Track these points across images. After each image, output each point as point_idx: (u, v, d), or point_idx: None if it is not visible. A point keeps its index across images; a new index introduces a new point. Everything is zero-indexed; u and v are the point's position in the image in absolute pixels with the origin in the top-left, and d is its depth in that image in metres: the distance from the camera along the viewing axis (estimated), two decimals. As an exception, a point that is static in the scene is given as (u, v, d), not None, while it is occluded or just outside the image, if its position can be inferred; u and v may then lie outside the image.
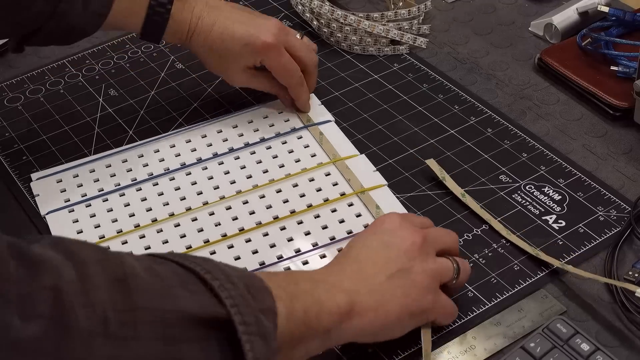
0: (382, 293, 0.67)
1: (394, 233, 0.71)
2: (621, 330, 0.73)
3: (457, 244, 0.75)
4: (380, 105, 0.98)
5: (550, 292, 0.76)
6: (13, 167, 0.92)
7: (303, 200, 0.85)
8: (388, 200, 0.85)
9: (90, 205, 0.86)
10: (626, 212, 0.83)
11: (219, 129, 0.94)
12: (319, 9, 1.04)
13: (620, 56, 0.96)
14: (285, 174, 0.88)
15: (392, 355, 0.72)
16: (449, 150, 0.91)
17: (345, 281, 0.67)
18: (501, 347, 0.72)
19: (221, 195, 0.86)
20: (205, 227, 0.83)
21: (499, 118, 0.95)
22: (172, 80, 1.02)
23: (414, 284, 0.68)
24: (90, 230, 0.83)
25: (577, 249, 0.80)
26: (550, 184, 0.87)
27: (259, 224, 0.83)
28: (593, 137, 0.92)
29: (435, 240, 0.72)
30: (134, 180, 0.89)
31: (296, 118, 0.95)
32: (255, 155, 0.91)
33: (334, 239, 0.82)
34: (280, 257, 0.80)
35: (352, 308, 0.65)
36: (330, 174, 0.88)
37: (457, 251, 0.75)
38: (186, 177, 0.89)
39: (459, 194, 0.84)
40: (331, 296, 0.65)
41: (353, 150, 0.91)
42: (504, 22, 1.09)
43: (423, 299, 0.69)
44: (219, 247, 0.81)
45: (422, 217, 0.77)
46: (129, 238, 0.82)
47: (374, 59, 1.04)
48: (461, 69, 1.02)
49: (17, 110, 0.99)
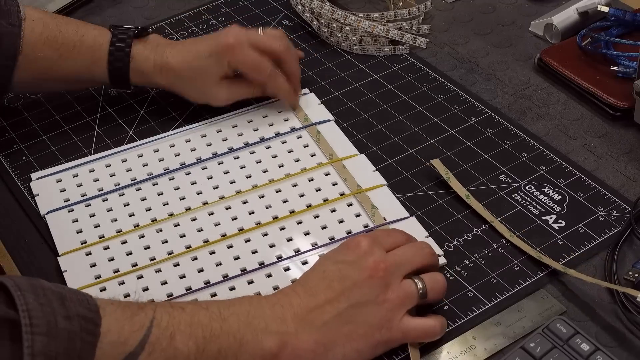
0: (325, 333, 0.66)
1: (356, 263, 0.68)
2: (621, 330, 0.73)
3: (434, 257, 0.72)
4: (380, 105, 0.97)
5: (550, 292, 0.76)
6: (13, 167, 0.92)
7: (302, 200, 0.85)
8: (387, 200, 0.85)
9: (90, 205, 0.86)
10: (626, 212, 0.83)
11: (219, 128, 0.94)
12: (319, 9, 1.04)
13: (620, 56, 0.96)
14: (285, 173, 0.88)
15: (392, 356, 0.72)
16: (449, 150, 0.91)
17: (287, 318, 0.66)
18: (501, 347, 0.72)
19: (221, 195, 0.86)
20: (205, 227, 0.83)
21: (499, 118, 0.95)
22: (172, 80, 1.02)
23: (365, 322, 0.67)
24: (90, 230, 0.83)
25: (577, 249, 0.80)
26: (550, 184, 0.87)
27: (259, 223, 0.83)
28: (593, 137, 0.92)
29: (403, 264, 0.69)
30: (134, 180, 0.89)
31: (295, 118, 0.95)
32: (255, 155, 0.91)
33: (333, 239, 0.81)
34: (279, 257, 0.80)
35: (281, 351, 0.64)
36: (329, 174, 0.88)
37: (435, 264, 0.73)
38: (186, 176, 0.89)
39: (463, 195, 0.84)
40: (258, 338, 0.64)
41: (353, 150, 0.91)
42: (504, 22, 1.09)
43: (375, 334, 0.67)
44: (219, 247, 0.81)
45: (396, 235, 0.74)
46: (129, 238, 0.82)
47: (374, 59, 1.04)
48: (461, 69, 1.02)
49: (17, 110, 0.99)
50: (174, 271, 0.79)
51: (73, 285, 0.78)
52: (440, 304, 0.76)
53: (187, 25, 1.11)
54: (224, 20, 1.11)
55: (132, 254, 0.81)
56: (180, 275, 0.79)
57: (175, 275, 0.79)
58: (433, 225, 0.83)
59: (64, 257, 0.81)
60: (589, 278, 0.75)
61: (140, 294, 0.77)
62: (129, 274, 0.79)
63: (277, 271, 0.79)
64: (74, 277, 0.79)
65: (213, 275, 0.78)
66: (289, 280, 0.78)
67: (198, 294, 0.77)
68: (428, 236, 0.81)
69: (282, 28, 1.09)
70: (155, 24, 1.11)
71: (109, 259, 0.80)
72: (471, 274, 0.78)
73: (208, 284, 0.78)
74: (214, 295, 0.77)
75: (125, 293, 0.77)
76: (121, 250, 0.81)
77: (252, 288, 0.77)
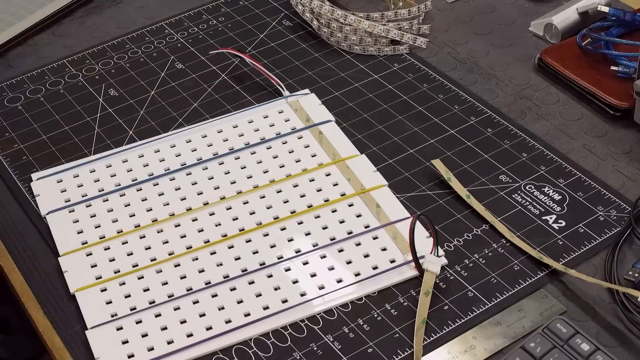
0: None
1: None
2: (621, 330, 0.73)
3: None
4: (380, 105, 0.98)
5: (550, 292, 0.77)
6: (13, 167, 0.92)
7: (303, 201, 0.85)
8: (388, 200, 0.85)
9: (91, 205, 0.86)
10: (626, 212, 0.83)
11: (220, 129, 0.94)
12: (319, 9, 1.04)
13: (620, 56, 0.96)
14: (286, 174, 0.88)
15: (392, 355, 0.72)
16: (449, 150, 0.91)
17: None
18: (501, 347, 0.72)
19: (222, 195, 0.86)
20: (206, 227, 0.83)
21: (499, 118, 0.95)
22: (172, 80, 1.02)
23: None
24: (91, 231, 0.83)
25: (577, 249, 0.80)
26: (550, 184, 0.87)
27: (260, 224, 0.83)
28: (593, 137, 0.93)
29: None
30: (135, 180, 0.89)
31: (296, 118, 0.95)
32: (256, 156, 0.91)
33: (334, 239, 0.82)
34: (280, 257, 0.80)
35: None
36: (330, 174, 0.88)
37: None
38: (186, 177, 0.89)
39: (463, 195, 0.84)
40: None
41: (353, 150, 0.91)
42: (504, 22, 1.10)
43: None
44: (219, 248, 0.81)
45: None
46: (130, 238, 0.82)
47: (374, 59, 1.04)
48: (461, 69, 1.02)
49: (17, 110, 0.99)
50: (175, 272, 0.79)
51: (74, 286, 0.78)
52: (441, 303, 0.76)
53: (187, 25, 1.11)
54: (224, 20, 1.11)
55: (133, 255, 0.81)
56: (181, 276, 0.79)
57: (176, 275, 0.79)
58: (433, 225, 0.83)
59: (64, 257, 0.81)
60: (589, 278, 0.75)
61: (141, 294, 0.77)
62: (129, 274, 0.79)
63: (278, 271, 0.79)
64: (74, 278, 0.79)
65: (214, 276, 0.78)
66: (290, 280, 0.78)
67: (199, 294, 0.77)
68: (429, 237, 0.81)
69: (282, 28, 1.09)
70: (155, 24, 1.11)
71: (109, 259, 0.81)
72: (471, 274, 0.78)
73: (209, 285, 0.78)
74: (215, 295, 0.77)
75: (126, 294, 0.77)
76: (122, 251, 0.81)
77: (253, 288, 0.77)
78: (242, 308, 0.76)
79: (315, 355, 0.73)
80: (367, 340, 0.73)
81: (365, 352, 0.72)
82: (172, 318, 0.75)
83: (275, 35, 1.08)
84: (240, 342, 0.74)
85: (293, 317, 0.75)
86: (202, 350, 0.73)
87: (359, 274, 0.78)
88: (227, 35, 1.08)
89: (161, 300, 0.77)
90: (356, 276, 0.78)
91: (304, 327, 0.75)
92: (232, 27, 1.10)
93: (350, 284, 0.78)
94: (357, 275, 0.78)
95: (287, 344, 0.74)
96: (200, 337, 0.74)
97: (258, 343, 0.74)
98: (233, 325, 0.74)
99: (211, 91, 1.00)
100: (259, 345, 0.74)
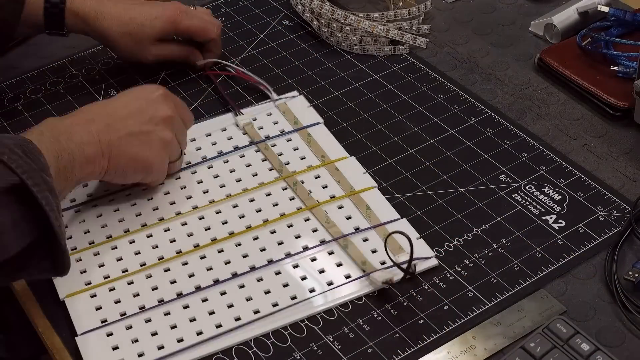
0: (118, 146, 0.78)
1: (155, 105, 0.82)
2: (621, 330, 0.73)
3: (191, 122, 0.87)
4: (380, 105, 0.98)
5: (550, 292, 0.76)
6: (13, 167, 0.91)
7: (293, 204, 0.85)
8: (379, 202, 0.85)
9: (79, 210, 0.85)
10: (626, 212, 0.83)
11: (207, 132, 0.93)
12: (319, 9, 1.04)
13: (620, 56, 0.96)
14: (275, 177, 0.88)
15: (392, 355, 0.72)
16: (449, 150, 0.91)
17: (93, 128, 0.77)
18: (501, 347, 0.72)
19: (211, 199, 0.86)
20: (195, 232, 0.83)
21: (499, 118, 0.95)
22: (172, 80, 1.02)
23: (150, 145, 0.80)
24: (80, 236, 0.82)
25: (577, 249, 0.80)
26: (550, 184, 0.87)
27: (249, 227, 0.83)
28: (593, 137, 0.93)
29: (180, 126, 0.84)
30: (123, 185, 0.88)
31: (285, 121, 0.94)
32: (244, 159, 0.90)
33: (323, 241, 0.81)
34: (270, 260, 0.80)
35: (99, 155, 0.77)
36: (320, 177, 0.88)
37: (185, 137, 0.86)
38: (175, 181, 0.87)
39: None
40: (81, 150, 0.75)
41: (343, 152, 0.91)
42: (504, 22, 1.10)
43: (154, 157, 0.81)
44: (209, 252, 0.81)
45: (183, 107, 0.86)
46: (119, 243, 0.82)
47: (374, 59, 1.04)
48: (461, 69, 1.02)
49: (17, 110, 0.99)
50: (165, 276, 0.79)
51: (63, 292, 0.78)
52: (440, 303, 0.76)
53: (187, 25, 1.11)
54: (224, 20, 1.11)
55: (122, 260, 0.80)
56: (171, 281, 0.78)
57: (166, 280, 0.78)
58: (433, 225, 0.83)
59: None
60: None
61: (131, 299, 0.77)
62: (119, 279, 0.79)
63: (268, 275, 0.79)
64: (64, 284, 0.78)
65: (204, 280, 0.78)
66: (280, 283, 0.78)
67: (189, 298, 0.77)
68: (419, 238, 0.81)
69: (282, 28, 1.09)
70: (155, 24, 1.11)
71: (99, 265, 0.80)
72: (471, 274, 0.78)
73: (199, 289, 0.77)
74: (205, 300, 0.77)
75: (116, 299, 0.77)
76: (111, 256, 0.81)
77: (243, 292, 0.77)
78: (232, 312, 0.75)
79: (315, 355, 0.73)
80: (367, 340, 0.73)
81: (365, 352, 0.72)
82: (162, 323, 0.75)
83: (275, 35, 1.08)
84: (231, 347, 0.73)
85: (285, 320, 0.75)
86: (193, 355, 0.73)
87: (350, 276, 0.78)
88: (227, 35, 1.08)
89: (151, 305, 0.76)
90: (347, 278, 0.78)
91: (304, 327, 0.75)
92: (232, 27, 1.10)
93: (341, 285, 0.77)
94: (348, 277, 0.78)
95: (287, 344, 0.74)
96: (190, 341, 0.73)
97: (258, 343, 0.74)
98: (223, 329, 0.74)
99: (211, 91, 1.00)
100: (259, 345, 0.74)
